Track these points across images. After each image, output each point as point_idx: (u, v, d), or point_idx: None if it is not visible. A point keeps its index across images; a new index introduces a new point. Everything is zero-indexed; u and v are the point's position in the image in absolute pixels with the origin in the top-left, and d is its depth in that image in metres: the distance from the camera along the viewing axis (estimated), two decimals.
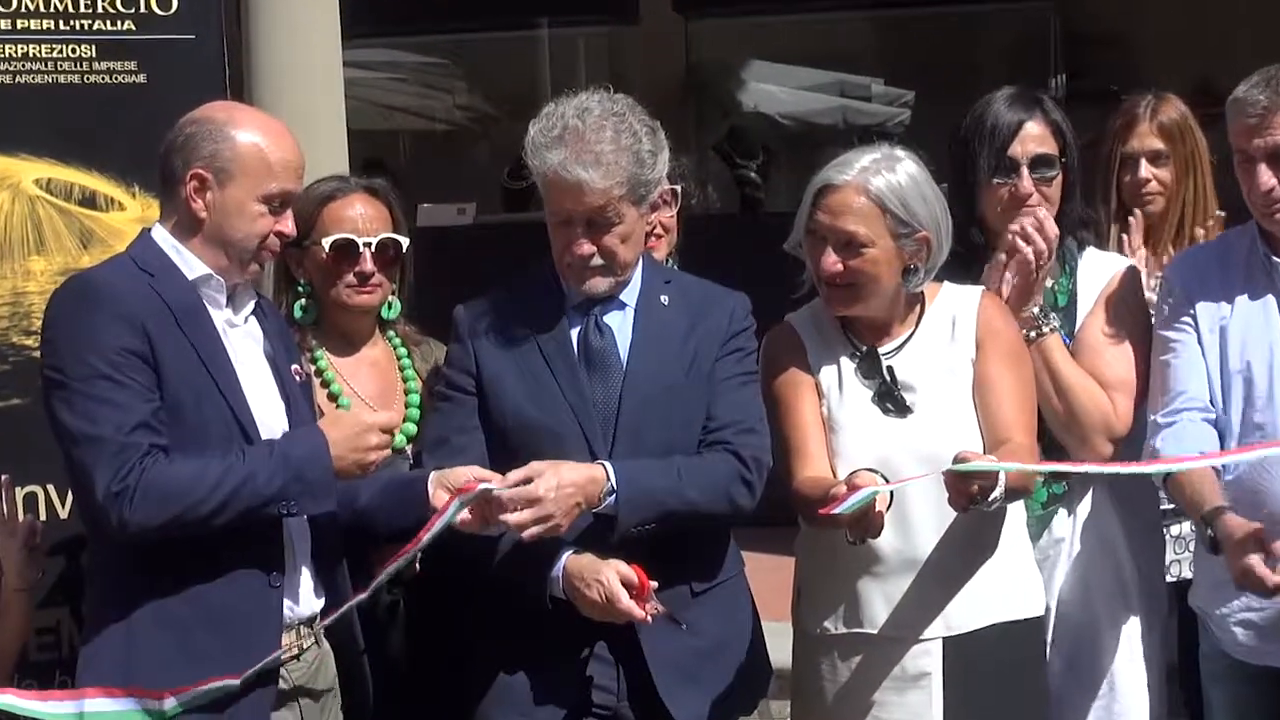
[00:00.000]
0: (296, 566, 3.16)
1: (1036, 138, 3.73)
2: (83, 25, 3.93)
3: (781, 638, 3.59)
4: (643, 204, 3.33)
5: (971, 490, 3.06)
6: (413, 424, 3.64)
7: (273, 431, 3.14)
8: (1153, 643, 3.79)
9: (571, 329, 3.35)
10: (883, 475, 3.10)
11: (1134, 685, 3.76)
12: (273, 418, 3.16)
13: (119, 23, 3.96)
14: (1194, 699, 3.75)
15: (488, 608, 3.38)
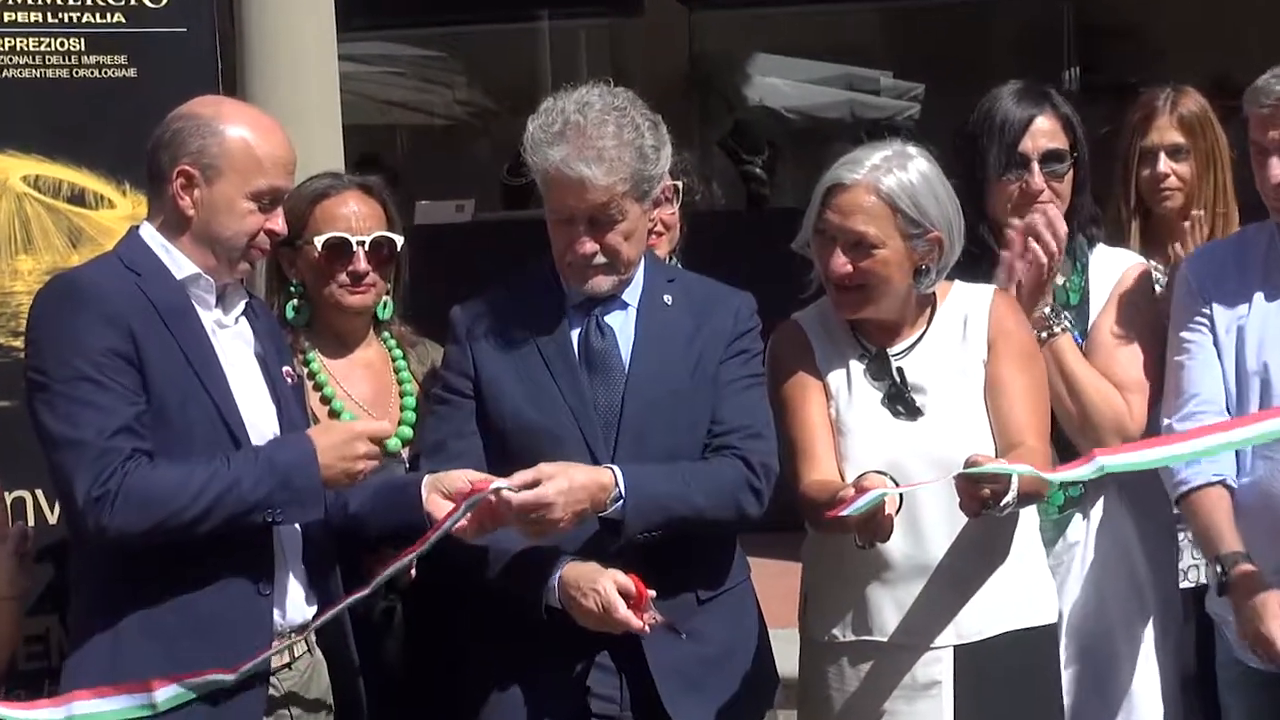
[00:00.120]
0: (287, 574, 3.15)
1: (1047, 132, 3.73)
2: (71, 18, 3.93)
3: (788, 645, 3.58)
4: (646, 200, 3.32)
5: (983, 495, 3.05)
6: (408, 427, 3.63)
7: (263, 435, 3.12)
8: (1168, 649, 3.79)
9: (572, 330, 3.34)
10: (892, 478, 3.09)
11: (1149, 692, 3.76)
12: (263, 421, 3.15)
13: (108, 15, 3.96)
14: (1211, 707, 3.75)
15: (485, 614, 3.37)
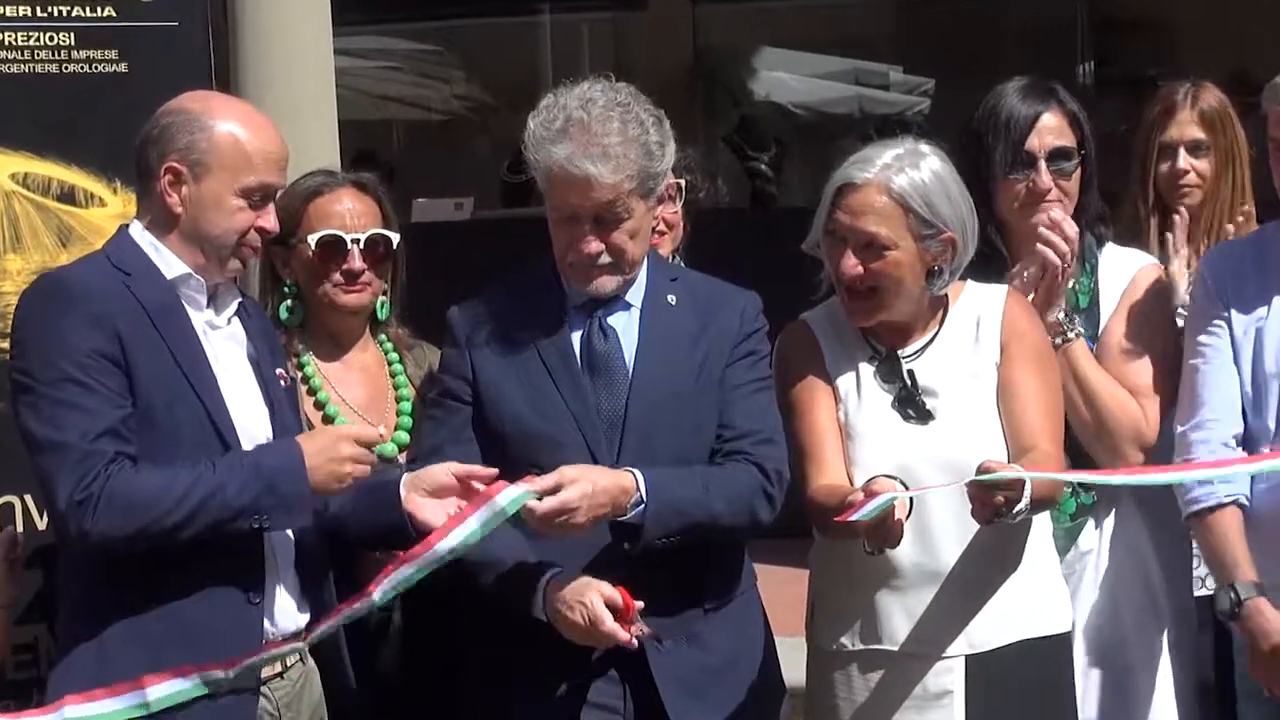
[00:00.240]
0: (278, 582, 3.13)
1: (1054, 129, 3.72)
2: (60, 11, 3.92)
3: (795, 654, 3.58)
4: (650, 197, 3.32)
5: (996, 502, 3.05)
6: (405, 432, 3.62)
7: (255, 438, 3.12)
8: (1183, 658, 3.79)
9: (574, 332, 3.33)
10: (902, 482, 3.08)
11: (1165, 703, 3.76)
12: (255, 424, 3.14)
13: (99, 9, 3.95)
14: (1229, 718, 3.74)
15: (484, 620, 3.36)
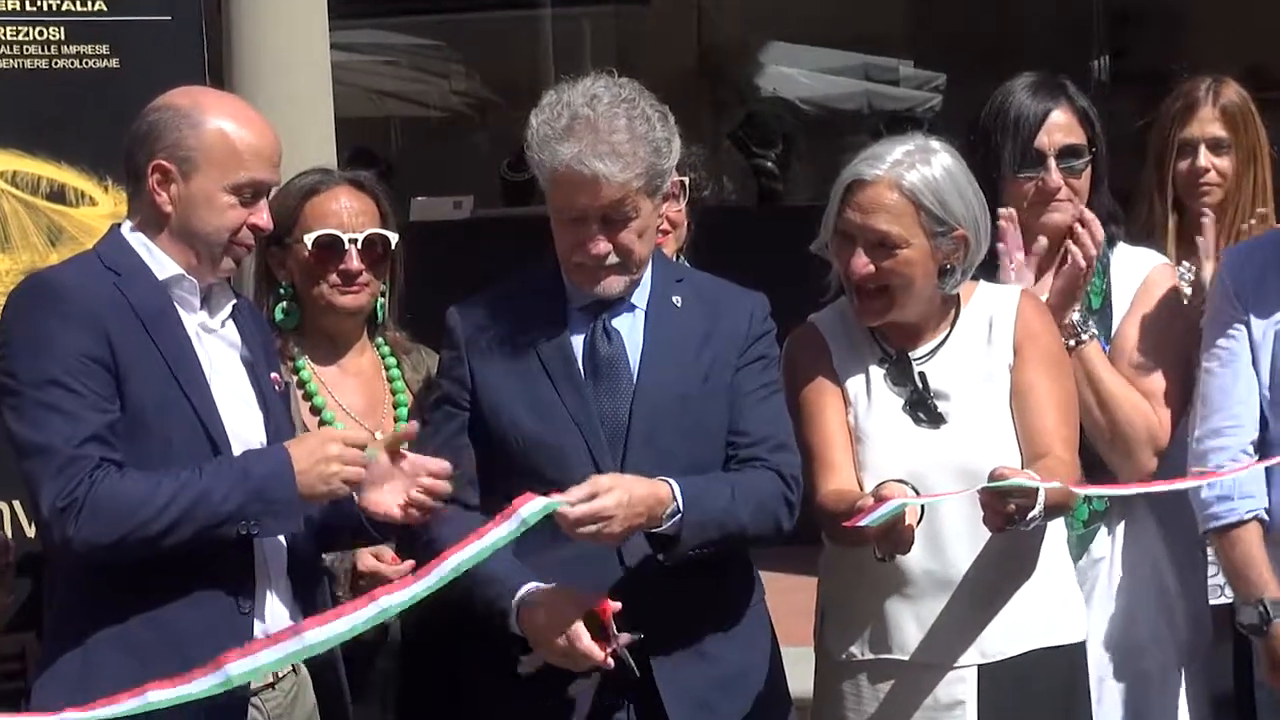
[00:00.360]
0: (269, 589, 3.12)
1: (1063, 127, 3.72)
2: (51, 5, 3.93)
3: (803, 663, 3.57)
4: (657, 195, 3.31)
5: (1008, 509, 3.04)
6: None
7: (247, 443, 3.10)
8: (1198, 667, 3.80)
9: (577, 335, 3.32)
10: (913, 487, 3.08)
11: (1182, 713, 3.76)
12: (248, 429, 3.13)
13: (89, 3, 3.96)
14: None
15: (484, 629, 3.35)
